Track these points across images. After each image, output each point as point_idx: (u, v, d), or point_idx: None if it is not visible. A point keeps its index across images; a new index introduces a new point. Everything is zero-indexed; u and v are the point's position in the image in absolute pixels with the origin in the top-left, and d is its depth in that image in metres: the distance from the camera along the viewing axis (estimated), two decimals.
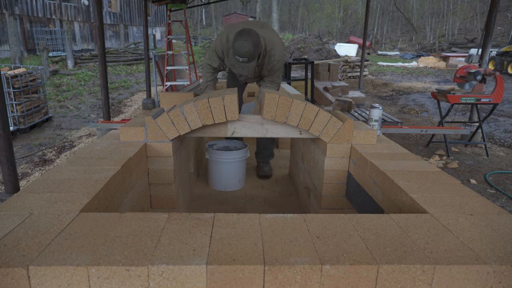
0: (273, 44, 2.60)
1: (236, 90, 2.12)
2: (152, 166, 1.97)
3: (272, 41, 2.60)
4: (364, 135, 1.98)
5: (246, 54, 2.38)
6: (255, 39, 2.39)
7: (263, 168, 3.20)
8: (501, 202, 3.31)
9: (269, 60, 2.64)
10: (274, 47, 2.60)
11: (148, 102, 7.26)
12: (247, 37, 2.36)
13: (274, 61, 2.64)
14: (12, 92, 5.12)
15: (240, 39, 2.36)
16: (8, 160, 2.43)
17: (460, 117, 6.88)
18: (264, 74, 2.79)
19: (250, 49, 2.36)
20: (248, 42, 2.35)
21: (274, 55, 2.62)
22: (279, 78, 2.81)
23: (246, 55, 2.38)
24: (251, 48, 2.36)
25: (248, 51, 2.36)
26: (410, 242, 0.99)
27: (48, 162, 4.22)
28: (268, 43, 2.59)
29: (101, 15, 3.90)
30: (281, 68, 2.75)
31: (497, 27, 24.98)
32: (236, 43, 2.37)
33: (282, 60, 2.70)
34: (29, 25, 15.57)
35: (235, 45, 2.38)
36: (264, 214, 1.12)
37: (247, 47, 2.35)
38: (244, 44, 2.35)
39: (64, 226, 1.03)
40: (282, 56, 2.68)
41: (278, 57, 2.64)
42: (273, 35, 2.66)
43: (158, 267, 0.86)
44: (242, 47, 2.35)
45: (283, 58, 2.73)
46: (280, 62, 2.68)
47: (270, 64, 2.66)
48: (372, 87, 10.82)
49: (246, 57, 2.39)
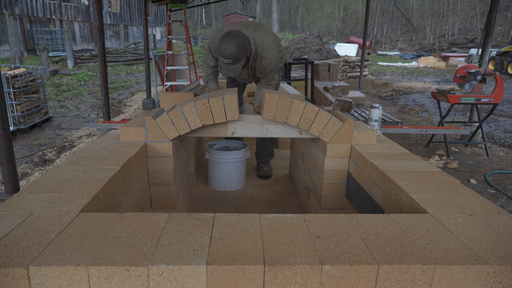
0: (265, 46, 2.57)
1: (236, 90, 2.12)
2: (152, 166, 1.97)
3: (263, 44, 2.57)
4: (364, 135, 1.98)
5: (230, 56, 2.38)
6: (240, 41, 2.38)
7: (263, 168, 3.20)
8: (501, 202, 3.31)
9: (261, 62, 2.62)
10: (265, 49, 2.57)
11: (148, 102, 7.27)
12: (232, 39, 2.36)
13: (266, 64, 2.61)
14: (12, 92, 5.12)
15: (225, 41, 2.37)
16: (8, 160, 2.43)
17: (460, 117, 6.88)
18: (258, 76, 2.78)
19: (233, 51, 2.36)
20: (232, 44, 2.35)
21: (265, 58, 2.59)
22: (274, 79, 2.76)
23: (230, 57, 2.38)
24: (235, 50, 2.36)
25: (232, 53, 2.36)
26: (410, 242, 0.99)
27: (48, 162, 4.22)
28: (259, 46, 2.57)
29: (101, 15, 3.90)
30: (275, 70, 2.70)
31: (497, 27, 24.99)
32: (221, 44, 2.38)
33: (276, 62, 2.66)
34: (29, 25, 15.57)
35: (220, 47, 2.39)
36: (264, 214, 1.12)
37: (231, 48, 2.35)
38: (228, 46, 2.35)
39: (64, 226, 1.03)
40: (275, 58, 2.64)
41: (270, 59, 2.61)
42: (266, 38, 2.63)
43: (158, 267, 0.86)
44: (226, 49, 2.36)
45: (278, 60, 2.70)
46: (272, 64, 2.64)
47: (262, 67, 2.64)
48: (372, 87, 10.82)
49: (230, 59, 2.39)
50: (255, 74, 2.78)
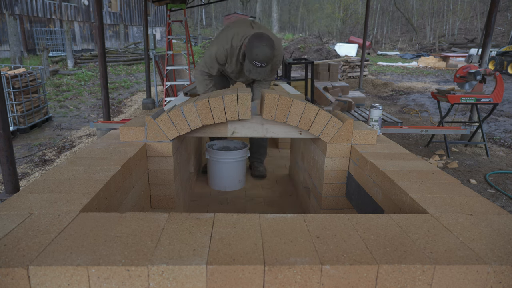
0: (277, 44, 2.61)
1: (236, 90, 2.11)
2: (152, 166, 1.97)
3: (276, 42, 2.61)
4: (364, 135, 1.98)
5: (266, 59, 2.40)
6: (271, 42, 2.42)
7: (258, 168, 3.18)
8: (501, 202, 3.31)
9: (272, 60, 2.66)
10: (277, 47, 2.61)
11: (148, 102, 7.27)
12: (267, 42, 2.39)
13: (276, 61, 2.67)
14: (12, 92, 5.12)
15: (260, 45, 2.38)
16: (8, 160, 2.43)
17: (460, 117, 6.88)
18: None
19: (270, 54, 2.40)
20: (268, 47, 2.38)
21: (277, 55, 2.63)
22: (273, 75, 2.85)
23: (266, 60, 2.41)
24: (271, 52, 2.40)
25: (269, 56, 2.40)
26: (410, 242, 0.99)
27: (48, 162, 4.22)
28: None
29: (101, 15, 3.90)
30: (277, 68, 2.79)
31: (497, 27, 24.98)
32: (256, 49, 2.38)
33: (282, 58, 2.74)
34: (29, 25, 15.57)
35: (255, 51, 2.38)
36: (264, 214, 1.12)
37: (268, 52, 2.38)
38: (265, 50, 2.37)
39: (64, 226, 1.03)
40: (282, 55, 2.71)
41: (280, 57, 2.68)
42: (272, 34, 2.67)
43: (158, 267, 0.86)
44: (263, 53, 2.38)
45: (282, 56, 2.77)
46: (280, 61, 2.72)
47: (273, 64, 2.67)
48: (372, 87, 10.82)
49: (265, 62, 2.42)
50: None
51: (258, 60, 2.40)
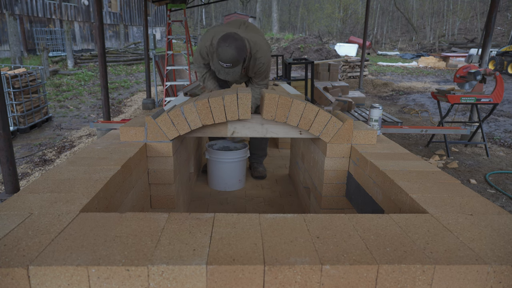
0: (259, 46, 2.55)
1: (236, 90, 2.11)
2: (152, 166, 1.97)
3: (257, 43, 2.55)
4: (364, 135, 1.98)
5: (230, 59, 2.33)
6: (239, 43, 2.34)
7: (258, 169, 3.18)
8: (501, 202, 3.31)
9: (255, 63, 2.59)
10: (259, 49, 2.55)
11: (148, 102, 7.27)
12: (231, 43, 2.31)
13: (260, 64, 2.59)
14: (12, 92, 5.12)
15: (223, 45, 2.31)
16: (8, 160, 2.43)
17: (460, 117, 6.88)
18: (251, 76, 2.74)
19: (234, 55, 2.31)
20: (231, 47, 2.30)
21: (259, 58, 2.56)
22: (267, 78, 2.77)
23: (230, 61, 2.34)
24: (235, 53, 2.32)
25: (232, 56, 2.32)
26: (410, 242, 0.99)
27: (48, 162, 4.22)
28: (253, 46, 2.54)
29: (101, 15, 3.90)
30: (268, 69, 2.70)
31: (497, 27, 24.98)
32: (220, 48, 2.32)
33: (268, 61, 2.65)
34: (29, 25, 15.57)
35: (219, 51, 2.33)
36: (264, 214, 1.12)
37: (231, 52, 2.30)
38: (227, 50, 2.30)
39: (64, 226, 1.03)
40: (267, 58, 2.62)
41: (264, 59, 2.59)
42: (258, 37, 2.61)
43: (158, 267, 0.86)
44: (226, 53, 2.31)
45: (269, 59, 2.69)
46: (266, 64, 2.62)
47: (256, 67, 2.61)
48: (372, 87, 10.82)
49: (230, 63, 2.35)
50: (247, 74, 2.76)
51: (222, 60, 2.34)
